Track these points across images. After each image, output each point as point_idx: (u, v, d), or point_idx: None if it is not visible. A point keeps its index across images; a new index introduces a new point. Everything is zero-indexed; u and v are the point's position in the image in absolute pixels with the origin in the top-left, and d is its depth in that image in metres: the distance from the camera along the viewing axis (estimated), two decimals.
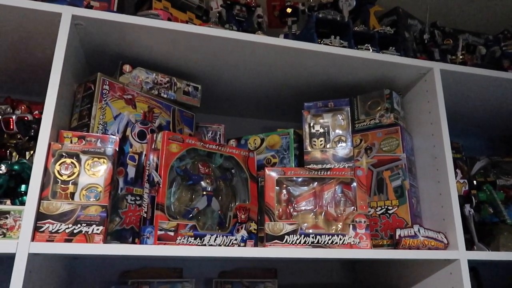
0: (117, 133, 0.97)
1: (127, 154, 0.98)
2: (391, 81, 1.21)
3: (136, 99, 1.04)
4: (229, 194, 1.09)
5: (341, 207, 1.01)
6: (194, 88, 1.17)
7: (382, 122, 1.14)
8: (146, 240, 0.91)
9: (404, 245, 0.99)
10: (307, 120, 1.17)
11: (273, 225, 0.96)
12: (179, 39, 1.03)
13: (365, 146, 1.16)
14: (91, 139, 0.90)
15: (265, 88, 1.29)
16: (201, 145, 1.02)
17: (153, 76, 1.09)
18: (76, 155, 0.84)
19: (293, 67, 1.17)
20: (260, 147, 1.23)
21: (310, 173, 1.02)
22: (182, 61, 1.14)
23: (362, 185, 0.99)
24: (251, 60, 1.13)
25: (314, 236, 0.95)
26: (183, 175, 1.01)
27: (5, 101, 1.11)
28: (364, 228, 0.96)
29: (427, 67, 1.15)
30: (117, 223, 0.93)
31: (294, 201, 1.02)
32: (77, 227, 0.80)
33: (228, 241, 0.98)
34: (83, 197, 0.83)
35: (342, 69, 1.16)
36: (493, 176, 1.48)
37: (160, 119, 1.08)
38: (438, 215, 1.07)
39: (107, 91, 0.97)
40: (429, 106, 1.14)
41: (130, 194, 0.97)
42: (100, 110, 0.95)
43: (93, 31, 0.99)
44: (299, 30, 1.35)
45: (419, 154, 1.18)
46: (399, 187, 1.09)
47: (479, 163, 1.57)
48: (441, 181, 1.07)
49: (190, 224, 0.93)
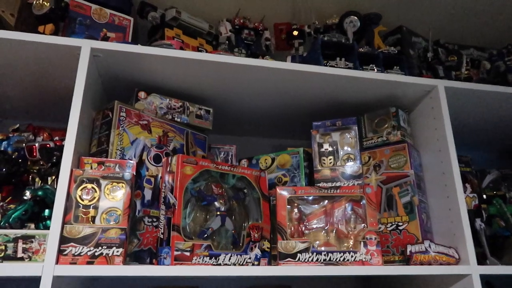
0: (134, 157, 1.02)
1: (144, 177, 1.03)
2: (397, 99, 1.24)
3: (151, 124, 1.08)
4: (242, 214, 1.12)
5: (351, 224, 1.03)
6: (206, 111, 1.22)
7: (390, 140, 1.17)
8: (163, 260, 0.94)
9: (415, 261, 1.00)
10: (316, 139, 1.20)
11: (286, 243, 0.99)
12: (191, 66, 1.08)
13: (373, 163, 1.18)
14: (110, 164, 0.95)
15: (274, 109, 1.33)
16: (214, 166, 1.06)
17: (166, 102, 1.14)
18: (96, 180, 0.89)
19: (301, 89, 1.21)
20: (271, 167, 1.27)
21: (320, 191, 1.04)
22: (194, 86, 1.19)
23: (371, 202, 1.02)
24: (259, 83, 1.18)
25: (326, 253, 0.97)
26: (198, 196, 1.04)
27: (27, 128, 1.17)
28: (375, 245, 0.98)
29: (431, 85, 1.18)
30: (135, 244, 0.97)
31: (306, 219, 1.05)
32: (98, 250, 0.84)
33: (243, 260, 1.01)
34: (103, 221, 0.87)
35: (348, 89, 1.20)
36: (504, 189, 1.48)
37: (174, 143, 1.13)
38: (448, 230, 1.09)
39: (124, 117, 1.02)
40: (435, 123, 1.17)
41: (147, 216, 1.01)
42: (118, 136, 1.00)
43: (110, 62, 1.04)
44: (305, 51, 1.40)
45: (428, 170, 1.20)
46: (408, 203, 1.11)
47: (490, 176, 1.58)
48: (450, 196, 1.09)
49: (205, 244, 0.97)
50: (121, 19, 1.20)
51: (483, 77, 1.58)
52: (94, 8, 1.16)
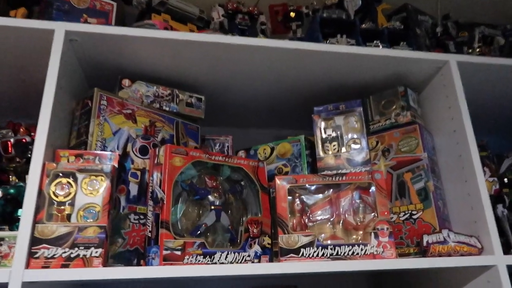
0: (116, 149, 0.93)
1: (129, 171, 0.93)
2: (404, 78, 1.14)
3: (137, 113, 0.99)
4: (239, 208, 1.02)
5: (360, 215, 0.93)
6: (198, 99, 1.12)
7: (399, 121, 1.07)
8: (151, 261, 0.84)
9: (433, 253, 0.90)
10: (318, 125, 1.10)
11: (287, 237, 0.89)
12: (179, 49, 0.99)
13: (382, 148, 1.08)
14: (89, 157, 0.85)
15: (272, 96, 1.24)
16: (206, 157, 0.96)
17: (153, 89, 1.05)
18: (72, 174, 0.80)
19: (300, 71, 1.11)
20: (271, 157, 1.17)
21: (324, 179, 0.94)
22: (184, 72, 1.09)
23: (381, 189, 0.92)
24: (255, 66, 1.08)
25: (333, 247, 0.87)
26: (189, 190, 0.95)
27: (7, 125, 1.09)
28: (387, 236, 0.88)
29: (442, 60, 1.07)
30: (120, 244, 0.88)
31: (309, 211, 0.95)
32: (74, 251, 0.75)
33: (241, 258, 0.91)
34: (80, 218, 0.78)
35: (352, 69, 1.10)
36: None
37: (163, 133, 1.04)
38: (468, 218, 0.98)
39: (105, 106, 0.93)
40: (448, 101, 1.06)
41: (133, 213, 0.92)
42: (98, 127, 0.91)
43: (89, 47, 0.96)
44: (304, 34, 1.30)
45: (442, 153, 1.09)
46: (422, 189, 1.00)
47: (508, 161, 1.46)
48: (468, 180, 0.98)
49: (199, 242, 0.87)
50: (103, 4, 1.11)
51: (496, 55, 1.47)
52: None
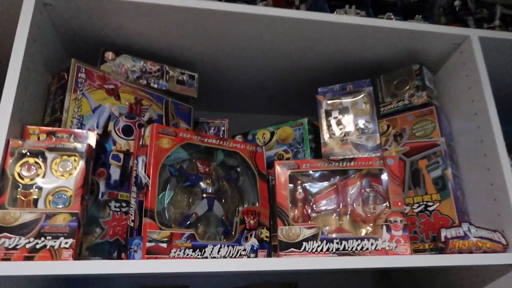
0: (96, 128, 0.82)
1: (110, 152, 0.83)
2: (419, 56, 1.02)
3: (120, 89, 0.89)
4: (235, 197, 0.92)
5: (370, 205, 0.82)
6: (190, 76, 1.01)
7: (413, 103, 0.96)
8: (133, 254, 0.74)
9: (452, 249, 0.79)
10: (323, 106, 1.00)
11: (288, 230, 0.79)
12: (170, 18, 0.88)
13: (393, 133, 0.97)
14: (63, 135, 0.75)
15: (273, 77, 1.13)
16: (198, 139, 0.86)
17: (140, 64, 0.94)
18: (41, 153, 0.69)
19: (304, 46, 1.00)
20: (270, 142, 1.07)
21: (330, 165, 0.84)
22: (176, 45, 0.98)
23: (395, 176, 0.81)
24: (254, 39, 0.97)
25: (339, 241, 0.77)
26: (178, 175, 0.85)
27: None
28: (401, 229, 0.77)
29: (462, 35, 0.96)
30: (97, 235, 0.77)
31: (312, 200, 0.84)
32: (40, 241, 0.64)
33: (235, 252, 0.81)
34: (49, 204, 0.67)
35: (361, 43, 0.99)
36: None
37: (150, 112, 0.93)
38: (491, 210, 0.87)
39: (83, 79, 0.83)
40: (468, 81, 0.96)
41: (114, 199, 0.81)
42: (75, 102, 0.80)
43: (67, 13, 0.85)
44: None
45: (460, 138, 0.98)
46: (439, 178, 0.89)
47: None
48: (491, 168, 0.87)
49: (188, 233, 0.77)
50: None
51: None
52: None
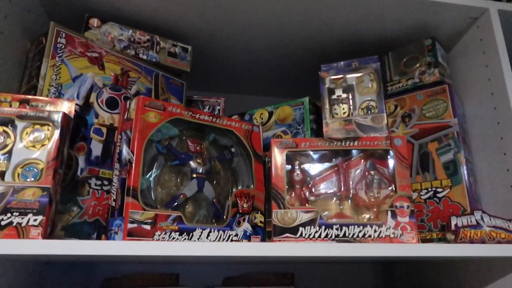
0: (76, 98, 0.75)
1: (91, 126, 0.76)
2: (432, 31, 0.95)
3: (105, 58, 0.81)
4: (228, 179, 0.85)
5: (374, 189, 0.75)
6: (183, 49, 0.94)
7: (424, 81, 0.88)
8: (113, 236, 0.68)
9: (463, 238, 0.72)
10: (326, 83, 0.92)
11: (283, 213, 0.72)
12: None
13: (402, 113, 0.90)
14: (37, 103, 0.68)
15: (272, 54, 1.05)
16: (189, 115, 0.79)
17: (129, 33, 0.87)
18: (11, 121, 0.62)
19: (306, 19, 0.92)
20: (269, 122, 1.00)
21: (331, 144, 0.76)
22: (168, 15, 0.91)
23: (402, 158, 0.74)
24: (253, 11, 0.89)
25: (339, 227, 0.70)
26: (167, 153, 0.78)
27: None
28: (407, 216, 0.70)
29: (480, 8, 0.88)
30: (75, 214, 0.71)
31: (311, 183, 0.77)
32: (6, 217, 0.58)
33: (226, 237, 0.74)
34: (18, 177, 0.61)
35: (368, 15, 0.91)
36: None
37: (138, 85, 0.86)
38: (507, 198, 0.80)
39: (62, 45, 0.75)
40: (485, 59, 0.88)
41: (95, 177, 0.75)
42: (53, 69, 0.73)
43: None
44: None
45: (474, 121, 0.91)
46: (451, 162, 0.82)
47: None
48: (508, 153, 0.80)
49: (174, 215, 0.70)
50: None
51: None
52: None
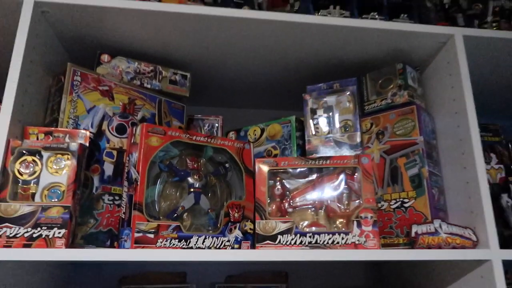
0: (91, 127, 0.89)
1: (104, 150, 0.90)
2: (405, 54, 1.04)
3: (114, 90, 0.95)
4: (224, 191, 0.98)
5: (344, 201, 0.87)
6: (183, 76, 1.07)
7: (395, 102, 0.99)
8: (123, 243, 0.82)
9: (421, 244, 0.83)
10: (309, 105, 1.04)
11: (264, 223, 0.84)
12: (162, 22, 0.94)
13: (376, 131, 1.01)
14: (59, 134, 0.82)
15: (264, 74, 1.17)
16: (186, 137, 0.92)
17: (135, 65, 1.01)
18: (38, 152, 0.77)
19: (291, 46, 1.04)
20: (261, 138, 1.12)
21: (307, 163, 0.88)
22: (169, 47, 1.04)
23: (368, 174, 0.85)
24: (244, 40, 1.01)
25: (312, 235, 0.82)
26: (168, 171, 0.91)
27: None
28: (371, 225, 0.82)
29: (447, 34, 0.97)
30: (91, 225, 0.85)
31: (290, 196, 0.90)
32: (36, 231, 0.72)
33: (219, 243, 0.87)
34: (45, 198, 0.75)
35: (346, 43, 1.02)
36: None
37: (143, 111, 1.00)
38: (465, 208, 0.90)
39: (78, 82, 0.90)
40: (451, 80, 0.97)
41: (108, 193, 0.89)
42: (71, 103, 0.87)
43: (64, 19, 0.92)
44: None
45: (443, 137, 1.01)
46: (416, 176, 0.93)
47: None
48: (467, 167, 0.90)
49: (174, 225, 0.84)
50: None
51: None
52: None
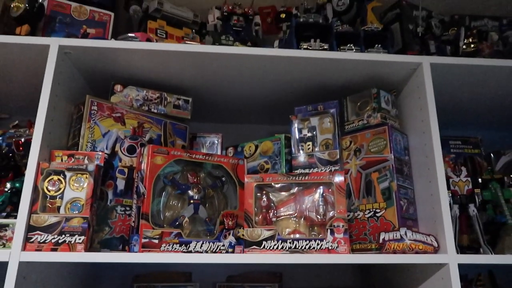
0: (106, 149, 1.06)
1: (116, 168, 1.06)
2: (381, 79, 1.17)
3: (126, 116, 1.11)
4: (221, 202, 1.12)
5: (321, 212, 1.00)
6: (185, 101, 1.23)
7: (370, 123, 1.11)
8: (133, 247, 0.97)
9: (388, 249, 0.96)
10: (295, 125, 1.17)
11: (251, 231, 0.99)
12: (166, 58, 1.10)
13: (354, 148, 1.13)
14: (79, 156, 0.99)
15: (258, 96, 1.32)
16: (187, 155, 1.07)
17: (143, 93, 1.17)
18: (62, 172, 0.94)
19: (278, 74, 1.18)
20: (255, 154, 1.26)
21: (288, 178, 1.02)
22: (173, 77, 1.20)
23: (341, 189, 0.98)
24: (237, 71, 1.16)
25: (292, 241, 0.96)
26: (171, 185, 1.06)
27: (26, 125, 1.25)
28: (342, 233, 0.95)
29: (416, 62, 1.10)
30: (106, 232, 1.02)
31: (275, 207, 1.03)
32: (61, 237, 0.89)
33: (215, 247, 1.02)
34: (67, 210, 0.92)
35: (327, 71, 1.15)
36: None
37: (150, 133, 1.15)
38: (430, 217, 1.02)
39: (95, 111, 1.06)
40: (420, 103, 1.09)
41: (120, 205, 1.05)
42: (89, 130, 1.04)
43: (84, 57, 1.08)
44: None
45: (414, 153, 1.13)
46: (386, 189, 1.05)
47: (505, 158, 1.45)
48: (432, 181, 1.02)
49: (175, 232, 0.99)
50: (101, 15, 1.24)
51: (499, 49, 1.44)
52: (74, 6, 1.21)
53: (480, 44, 1.36)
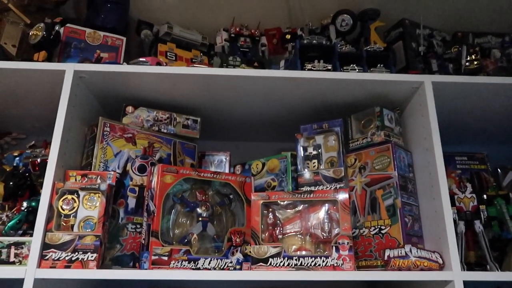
0: (117, 168, 1.10)
1: (127, 187, 1.10)
2: (384, 98, 1.20)
3: (137, 137, 1.16)
4: (229, 219, 1.15)
5: (326, 229, 1.02)
6: (194, 121, 1.27)
7: (374, 140, 1.13)
8: (143, 264, 1.00)
9: (393, 266, 0.97)
10: (301, 143, 1.20)
11: (258, 248, 1.01)
12: (175, 80, 1.14)
13: (359, 166, 1.16)
14: (92, 176, 1.03)
15: (264, 115, 1.35)
16: (195, 174, 1.10)
17: (153, 114, 1.21)
18: (76, 191, 0.98)
19: (284, 94, 1.21)
20: (262, 171, 1.29)
21: (294, 196, 1.05)
22: (181, 98, 1.24)
23: (345, 206, 1.00)
24: (244, 91, 1.20)
25: (298, 258, 0.98)
26: (180, 203, 1.10)
27: (42, 145, 1.30)
28: (347, 250, 0.96)
29: (418, 81, 1.12)
30: (117, 249, 1.05)
31: (281, 224, 1.06)
32: (75, 255, 0.92)
33: (223, 264, 1.04)
34: (81, 228, 0.95)
35: (331, 91, 1.18)
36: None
37: (160, 153, 1.19)
38: (435, 234, 1.03)
39: (108, 132, 1.11)
40: (423, 121, 1.11)
41: (131, 223, 1.09)
42: (102, 150, 1.08)
43: (97, 81, 1.14)
44: None
45: (419, 170, 1.14)
46: (391, 206, 1.07)
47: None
48: (436, 198, 1.03)
49: (184, 249, 1.01)
50: (114, 40, 1.30)
51: (503, 65, 1.46)
52: (88, 32, 1.27)
53: (484, 61, 1.38)
